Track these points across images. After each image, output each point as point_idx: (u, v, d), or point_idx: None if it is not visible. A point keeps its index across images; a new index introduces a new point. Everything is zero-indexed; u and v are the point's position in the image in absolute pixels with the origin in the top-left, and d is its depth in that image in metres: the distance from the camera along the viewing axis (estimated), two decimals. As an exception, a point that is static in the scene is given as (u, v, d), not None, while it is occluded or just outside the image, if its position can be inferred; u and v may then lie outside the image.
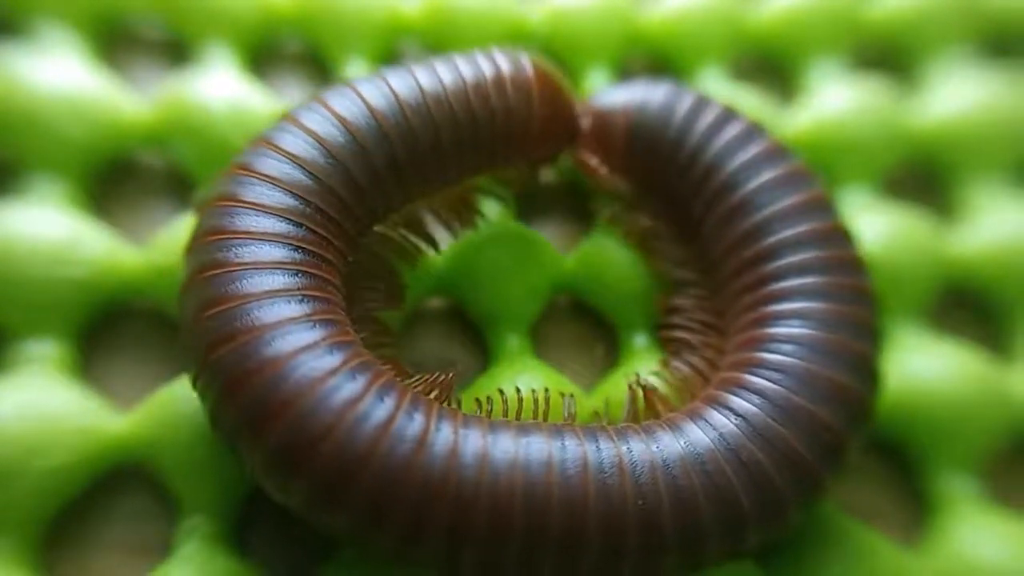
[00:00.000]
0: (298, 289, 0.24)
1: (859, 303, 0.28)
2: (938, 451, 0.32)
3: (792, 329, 0.27)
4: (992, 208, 0.39)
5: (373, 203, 0.28)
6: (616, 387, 0.32)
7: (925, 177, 0.41)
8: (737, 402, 0.26)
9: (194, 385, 0.24)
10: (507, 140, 0.31)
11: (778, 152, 0.31)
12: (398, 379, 0.24)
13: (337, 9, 0.39)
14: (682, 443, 0.25)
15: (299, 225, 0.25)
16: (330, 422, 0.21)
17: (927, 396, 0.32)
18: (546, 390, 0.28)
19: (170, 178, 0.35)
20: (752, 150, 0.31)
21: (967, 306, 0.37)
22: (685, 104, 0.32)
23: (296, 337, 0.23)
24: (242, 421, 0.22)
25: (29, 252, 0.29)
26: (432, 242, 0.32)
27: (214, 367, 0.23)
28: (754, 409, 0.26)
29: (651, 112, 0.32)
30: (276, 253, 0.24)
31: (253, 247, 0.24)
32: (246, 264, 0.24)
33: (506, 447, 0.23)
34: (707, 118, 0.32)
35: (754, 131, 0.32)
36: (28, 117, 0.32)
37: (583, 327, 0.35)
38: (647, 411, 0.29)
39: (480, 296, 0.33)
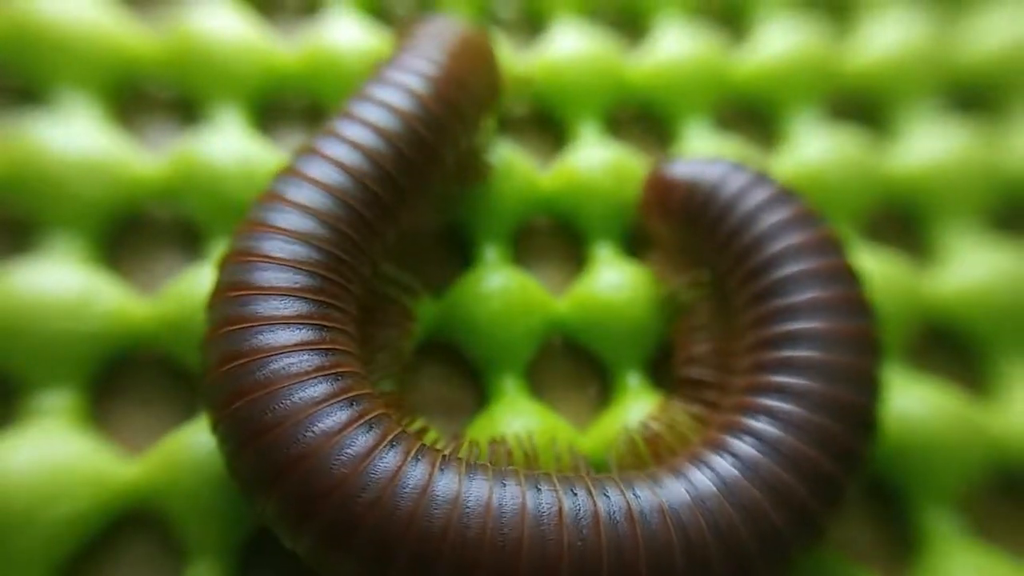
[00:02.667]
0: (313, 343, 0.25)
1: (862, 349, 0.29)
2: (921, 488, 0.33)
3: (793, 379, 0.28)
4: (966, 251, 0.40)
5: (382, 234, 0.30)
6: (610, 426, 0.32)
7: (902, 222, 0.43)
8: (738, 446, 0.26)
9: (213, 433, 0.25)
10: (480, 103, 0.35)
11: (822, 245, 0.31)
12: (407, 431, 0.25)
13: (338, 65, 0.40)
14: (687, 489, 0.25)
15: (314, 276, 0.26)
16: (339, 478, 0.22)
17: (909, 434, 0.33)
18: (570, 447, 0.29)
19: (180, 231, 0.36)
20: (793, 239, 0.31)
21: (945, 346, 0.38)
22: (736, 183, 0.33)
23: (311, 392, 0.23)
24: (255, 473, 0.23)
25: (44, 307, 0.30)
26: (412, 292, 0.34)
27: (231, 419, 0.24)
28: (755, 453, 0.26)
29: (703, 186, 0.34)
30: (292, 307, 0.25)
31: (270, 302, 0.25)
32: (263, 319, 0.25)
33: (514, 497, 0.23)
34: (754, 199, 0.32)
35: (801, 219, 0.32)
36: (47, 179, 0.34)
37: (577, 367, 0.36)
38: (649, 455, 0.29)
39: (477, 339, 0.34)
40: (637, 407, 0.33)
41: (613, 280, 0.36)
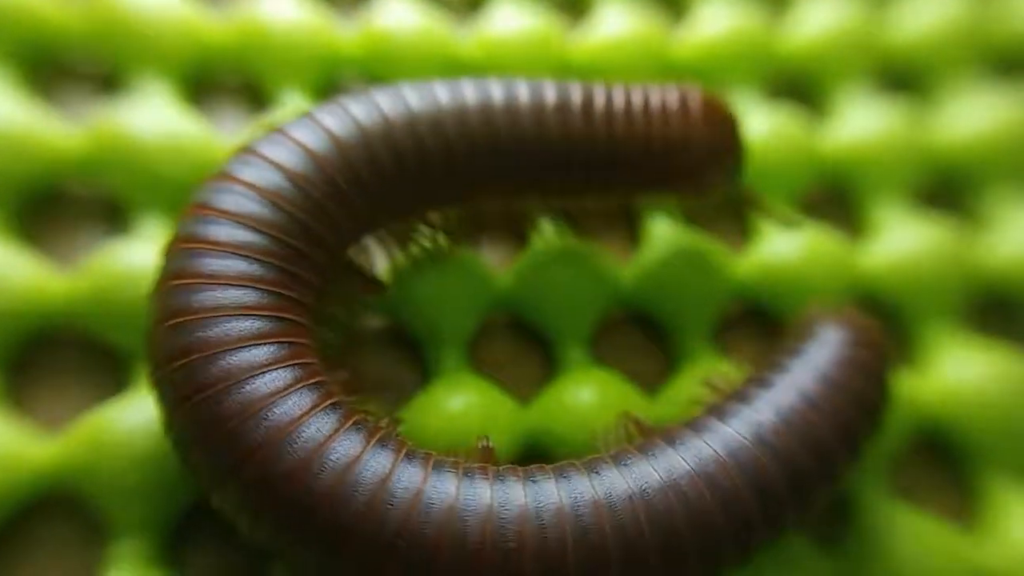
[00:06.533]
0: (260, 307, 0.24)
1: (846, 428, 0.28)
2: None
3: (776, 394, 0.28)
4: (895, 225, 0.42)
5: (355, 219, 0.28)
6: (552, 400, 0.33)
7: (836, 197, 0.44)
8: (699, 444, 0.26)
9: (152, 391, 0.24)
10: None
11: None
12: (347, 404, 0.24)
13: (273, 41, 0.39)
14: (663, 471, 0.24)
15: (271, 237, 0.25)
16: (268, 438, 0.22)
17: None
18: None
19: (102, 206, 0.35)
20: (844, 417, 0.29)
21: (874, 316, 0.39)
22: (839, 340, 0.32)
23: (250, 356, 0.23)
24: (188, 434, 0.23)
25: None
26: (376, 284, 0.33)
27: (167, 379, 0.23)
28: (712, 453, 0.25)
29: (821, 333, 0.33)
30: (243, 267, 0.24)
31: (220, 260, 0.24)
32: (209, 277, 0.24)
33: (480, 492, 0.22)
34: (841, 354, 0.31)
35: (866, 406, 0.30)
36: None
37: (520, 341, 0.36)
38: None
39: (418, 315, 0.34)
40: (579, 381, 0.33)
41: (554, 255, 0.36)
